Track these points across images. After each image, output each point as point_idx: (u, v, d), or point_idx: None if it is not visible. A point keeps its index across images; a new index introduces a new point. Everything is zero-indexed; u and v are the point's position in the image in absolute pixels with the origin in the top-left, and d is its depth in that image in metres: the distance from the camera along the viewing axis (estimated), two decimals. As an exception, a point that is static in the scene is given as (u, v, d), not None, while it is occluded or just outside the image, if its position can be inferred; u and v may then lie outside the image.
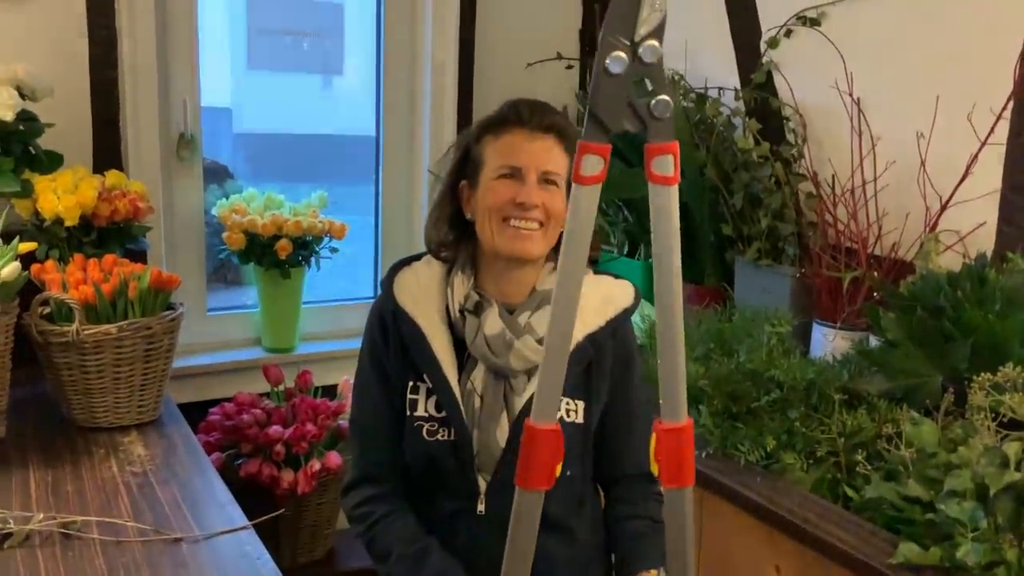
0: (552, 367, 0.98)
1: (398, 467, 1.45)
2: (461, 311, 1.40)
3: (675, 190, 0.95)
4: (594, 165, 0.93)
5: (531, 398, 1.37)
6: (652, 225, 0.96)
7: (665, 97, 0.91)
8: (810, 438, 1.71)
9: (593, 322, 1.43)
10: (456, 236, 1.45)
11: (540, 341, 1.37)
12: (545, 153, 1.37)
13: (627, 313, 1.47)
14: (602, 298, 1.46)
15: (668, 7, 0.90)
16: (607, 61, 0.90)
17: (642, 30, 0.89)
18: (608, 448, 1.49)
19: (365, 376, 1.47)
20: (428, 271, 1.46)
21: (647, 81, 0.92)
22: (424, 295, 1.43)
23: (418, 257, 1.49)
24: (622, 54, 0.90)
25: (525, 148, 1.36)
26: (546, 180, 1.36)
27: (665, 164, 0.93)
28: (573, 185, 0.94)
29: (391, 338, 1.43)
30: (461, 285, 1.41)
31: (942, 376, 1.69)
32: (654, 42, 0.90)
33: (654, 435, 1.00)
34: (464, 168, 1.44)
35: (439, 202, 1.46)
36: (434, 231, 1.46)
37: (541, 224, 1.36)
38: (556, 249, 1.41)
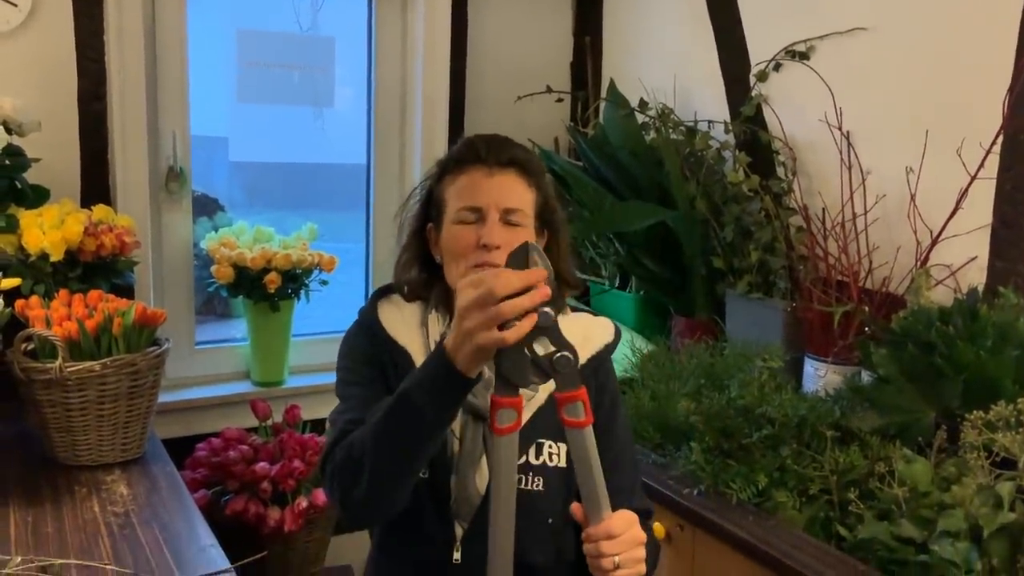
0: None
1: None
2: None
3: (590, 431, 1.05)
4: (509, 416, 1.03)
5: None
6: (576, 466, 1.07)
7: (566, 353, 1.03)
8: (803, 475, 1.69)
9: None
10: (427, 278, 1.41)
11: None
12: (505, 190, 1.32)
13: (608, 350, 1.43)
14: (582, 336, 1.40)
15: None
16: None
17: None
18: None
19: (356, 376, 1.37)
20: (409, 307, 1.42)
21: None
22: (406, 328, 1.40)
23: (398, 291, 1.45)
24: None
25: (484, 186, 1.31)
26: (508, 220, 1.31)
27: (576, 410, 1.04)
28: (494, 436, 1.02)
29: (378, 355, 1.37)
30: (435, 324, 1.38)
31: (935, 413, 1.68)
32: (547, 309, 1.03)
33: None
34: (429, 210, 1.40)
35: (407, 245, 1.42)
36: (404, 274, 1.42)
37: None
38: None
